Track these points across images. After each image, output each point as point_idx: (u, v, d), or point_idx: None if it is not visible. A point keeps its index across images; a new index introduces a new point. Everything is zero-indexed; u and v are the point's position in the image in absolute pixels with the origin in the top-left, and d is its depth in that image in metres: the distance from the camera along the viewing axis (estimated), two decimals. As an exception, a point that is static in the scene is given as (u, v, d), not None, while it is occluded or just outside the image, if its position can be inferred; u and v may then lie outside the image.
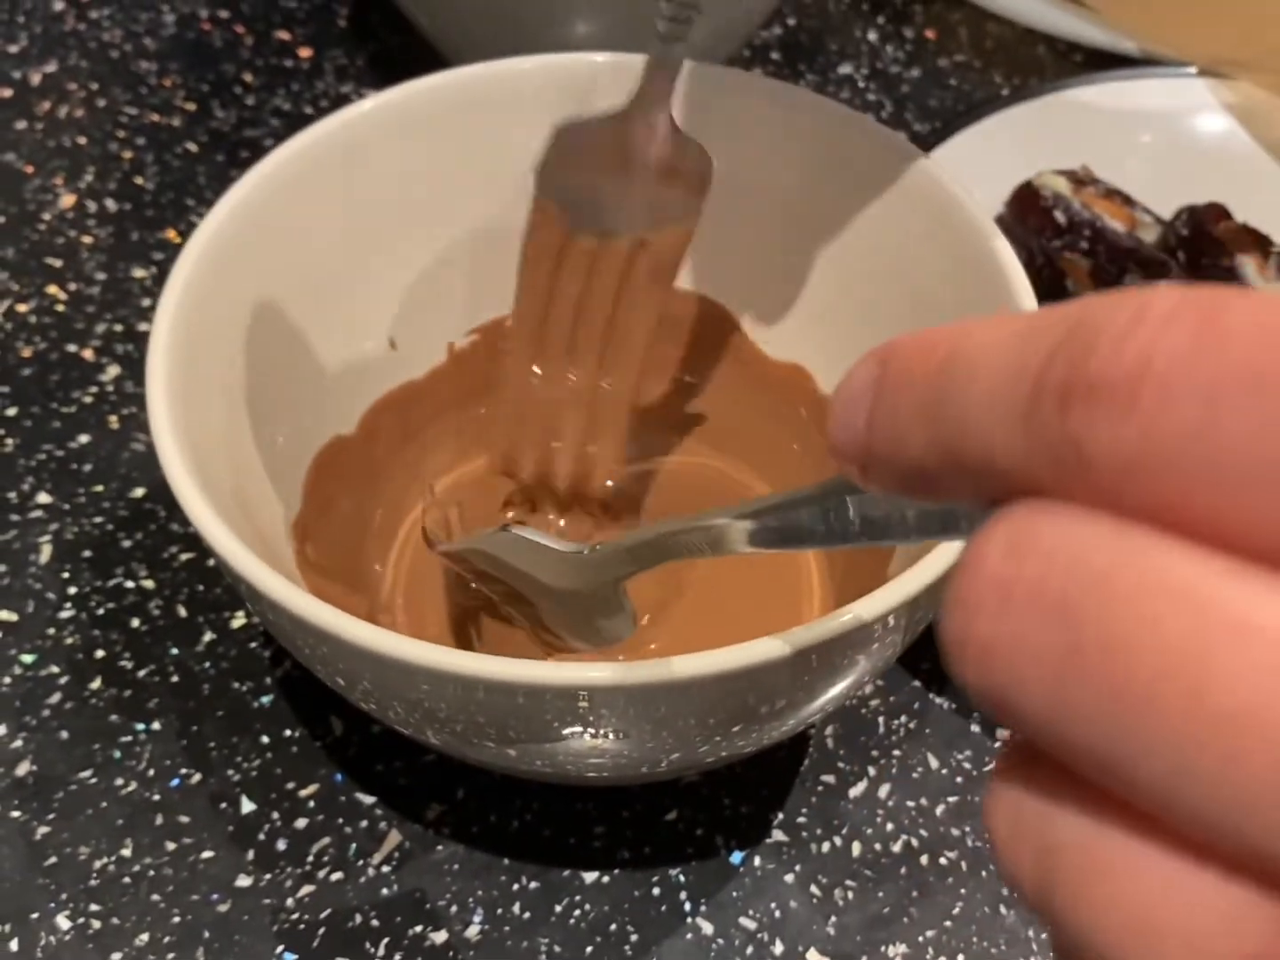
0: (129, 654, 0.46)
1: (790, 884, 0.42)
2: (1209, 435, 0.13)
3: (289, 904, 0.41)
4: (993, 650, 0.14)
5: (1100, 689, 0.13)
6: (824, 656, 0.32)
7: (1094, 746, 0.14)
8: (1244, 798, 0.13)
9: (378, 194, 0.44)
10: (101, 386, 0.54)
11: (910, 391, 0.16)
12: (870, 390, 0.17)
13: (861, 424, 0.17)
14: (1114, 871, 0.14)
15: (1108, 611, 0.13)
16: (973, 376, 0.15)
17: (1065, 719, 0.14)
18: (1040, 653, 0.14)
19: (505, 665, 0.30)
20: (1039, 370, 0.14)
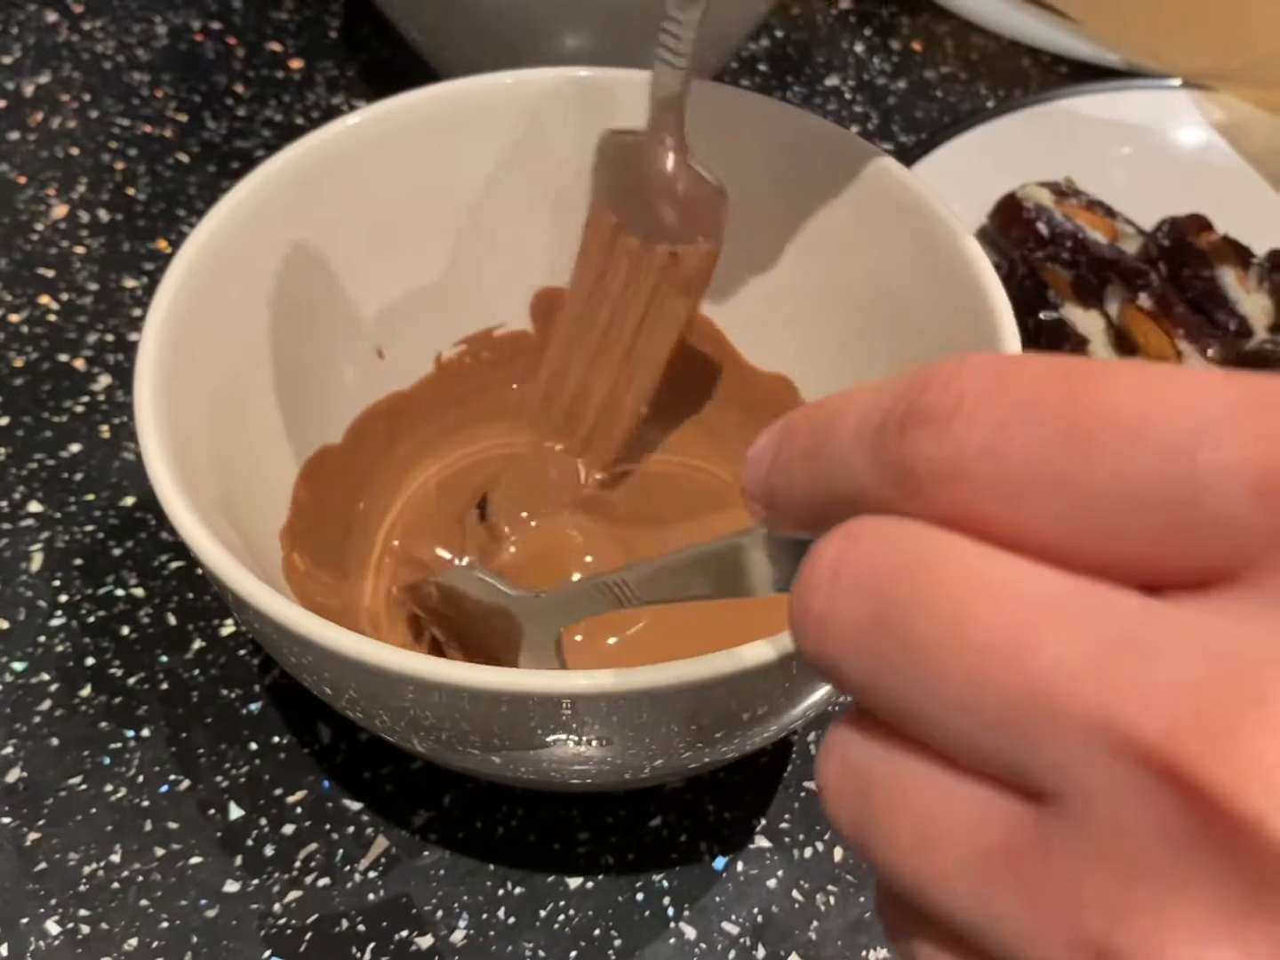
0: (119, 661, 0.47)
1: (773, 889, 0.42)
2: (998, 452, 0.17)
3: (276, 909, 0.41)
4: (822, 622, 0.18)
5: (893, 641, 0.17)
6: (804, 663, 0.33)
7: (890, 691, 0.17)
8: (995, 719, 0.16)
9: (365, 205, 0.45)
10: (93, 396, 0.54)
11: (797, 441, 0.20)
12: (773, 445, 0.21)
13: (764, 471, 0.21)
14: (907, 790, 0.17)
15: (901, 583, 0.17)
16: (842, 423, 0.19)
17: (870, 671, 0.17)
18: (855, 620, 0.17)
19: (489, 674, 0.31)
20: (887, 410, 0.18)
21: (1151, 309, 0.53)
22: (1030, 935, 0.16)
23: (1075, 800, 0.15)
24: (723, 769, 0.44)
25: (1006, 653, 0.16)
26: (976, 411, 0.17)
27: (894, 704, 0.17)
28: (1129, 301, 0.53)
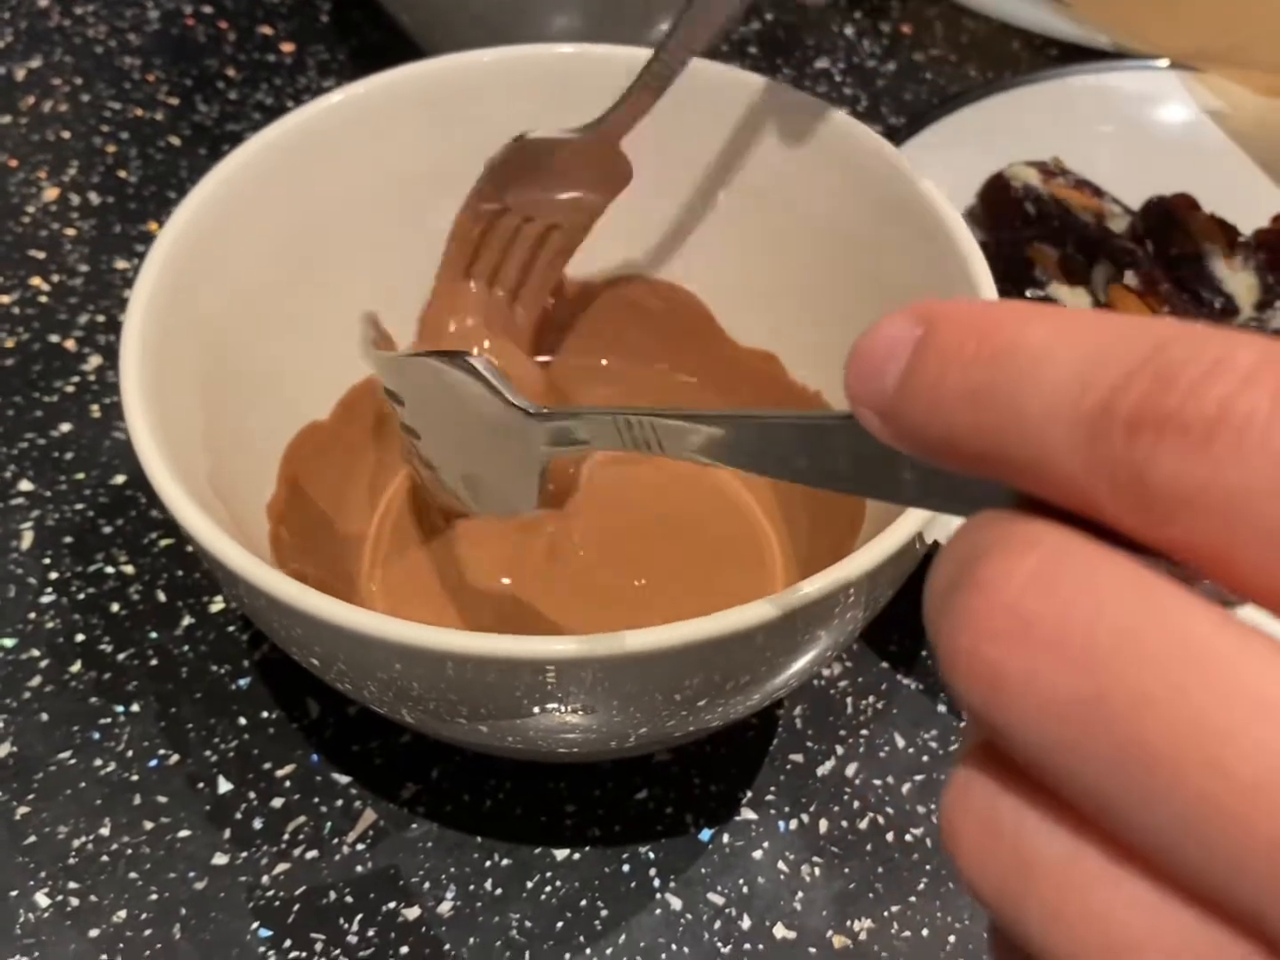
0: (109, 638, 0.47)
1: (758, 860, 0.42)
2: (1274, 496, 0.13)
3: (265, 881, 0.42)
4: (1002, 680, 0.15)
5: (1117, 744, 0.14)
6: (786, 629, 0.33)
7: (1097, 791, 0.14)
8: (1243, 859, 0.13)
9: (350, 183, 0.45)
10: (83, 376, 0.55)
11: (961, 368, 0.16)
12: (907, 349, 0.17)
13: (892, 381, 0.17)
14: (1093, 890, 0.15)
15: (1133, 670, 0.14)
16: (1037, 376, 0.15)
17: (1071, 763, 0.14)
18: (1055, 698, 0.14)
19: (473, 640, 0.31)
20: (1111, 391, 0.15)
21: (1138, 287, 0.53)
22: None
23: None
24: (709, 742, 0.45)
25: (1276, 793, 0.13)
26: (1249, 439, 0.14)
27: (1094, 801, 0.14)
28: (1115, 280, 0.53)
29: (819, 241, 0.46)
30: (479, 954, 0.40)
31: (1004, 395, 0.16)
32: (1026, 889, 0.15)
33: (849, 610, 0.35)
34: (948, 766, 0.44)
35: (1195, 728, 0.13)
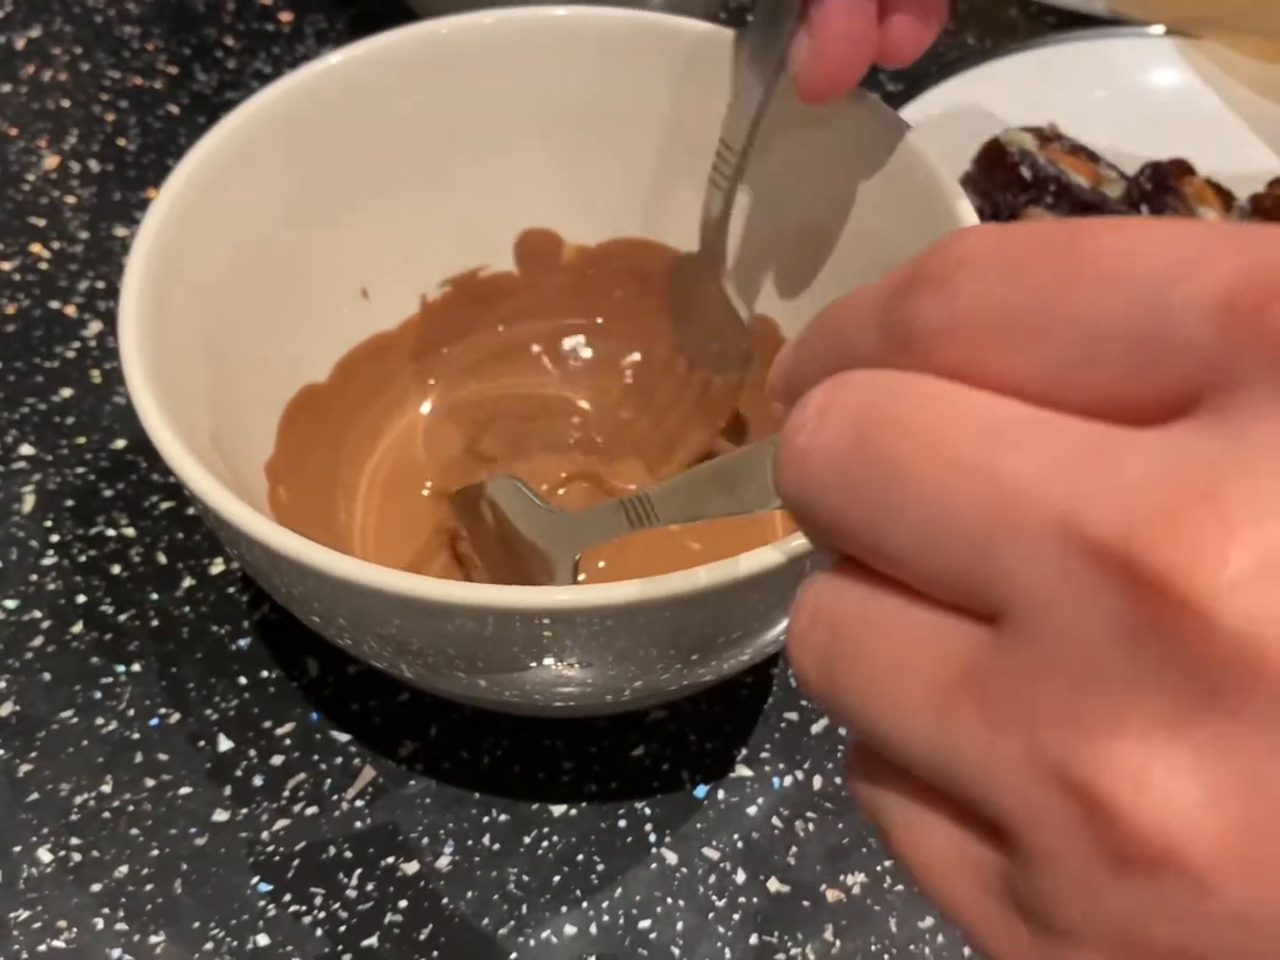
0: (110, 599, 0.47)
1: (753, 816, 0.43)
2: (987, 303, 0.17)
3: (264, 837, 0.42)
4: (805, 454, 0.18)
5: (868, 461, 0.17)
6: (779, 582, 0.33)
7: (864, 516, 0.17)
8: (947, 523, 0.16)
9: (348, 146, 0.45)
10: (84, 342, 0.55)
11: (814, 329, 0.20)
12: (795, 342, 0.21)
13: (786, 366, 0.21)
14: (875, 625, 0.18)
15: (881, 410, 0.17)
16: (856, 303, 0.19)
17: (846, 495, 0.18)
18: (835, 446, 0.18)
19: (470, 590, 0.31)
20: (894, 282, 0.18)
21: (1132, 251, 0.53)
22: (987, 763, 0.16)
23: (1032, 613, 0.15)
24: (704, 700, 0.45)
25: (974, 466, 0.16)
26: (973, 269, 0.17)
27: (867, 532, 0.17)
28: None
29: (815, 204, 0.46)
30: (476, 908, 0.41)
31: (839, 326, 0.20)
32: (834, 649, 0.18)
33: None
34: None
35: (919, 436, 0.17)
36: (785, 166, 0.46)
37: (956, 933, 0.40)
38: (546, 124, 0.47)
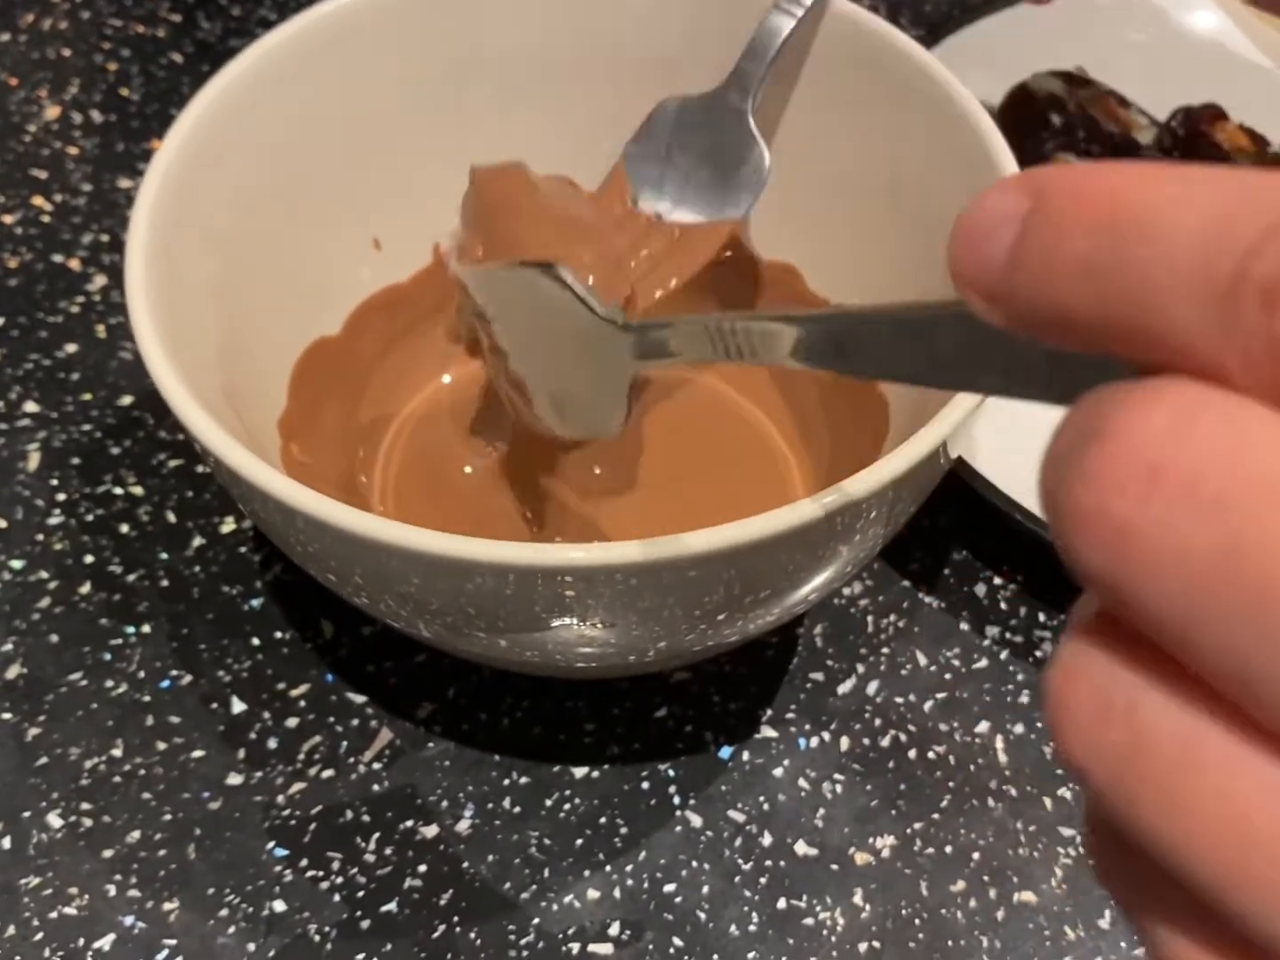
0: (118, 559, 0.46)
1: (779, 778, 0.42)
2: None
3: (280, 801, 0.41)
4: (1131, 535, 0.14)
5: (1254, 597, 0.13)
6: (806, 541, 0.32)
7: (1229, 651, 0.13)
8: None
9: (357, 93, 0.44)
10: (88, 296, 0.54)
11: (1076, 237, 0.15)
12: (1016, 221, 0.16)
13: (1002, 255, 0.16)
14: (1213, 768, 0.14)
15: (1272, 519, 0.13)
16: (1162, 241, 0.14)
17: (1204, 620, 0.13)
18: (1189, 548, 0.13)
19: (492, 548, 0.30)
20: (1242, 259, 0.14)
21: (1165, 197, 0.52)
22: None
23: None
24: (728, 661, 0.44)
25: None
26: None
27: (1227, 664, 0.13)
28: (1142, 190, 0.52)
29: (842, 150, 0.44)
30: (498, 871, 0.40)
31: (1126, 263, 0.14)
32: (1142, 771, 0.14)
33: (871, 525, 0.34)
34: (970, 684, 0.44)
35: None
36: (814, 112, 0.44)
37: (989, 896, 0.39)
38: (563, 67, 0.45)
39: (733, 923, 0.39)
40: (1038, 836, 0.41)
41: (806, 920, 0.39)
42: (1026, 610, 0.45)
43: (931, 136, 0.41)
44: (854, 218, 0.45)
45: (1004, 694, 0.43)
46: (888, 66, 0.42)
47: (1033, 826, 0.41)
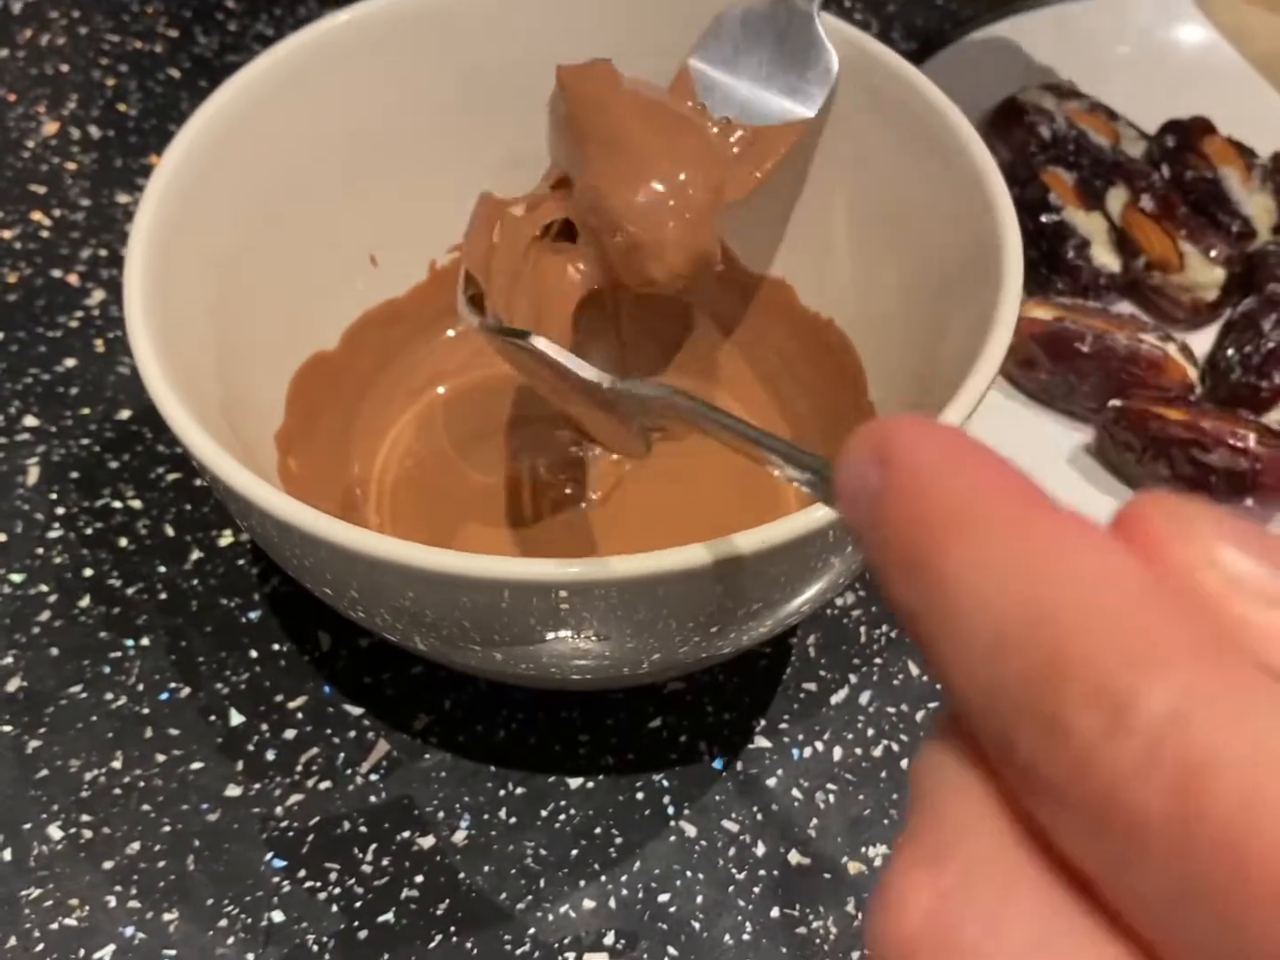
0: (117, 572, 0.47)
1: (772, 788, 0.42)
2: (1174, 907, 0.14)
3: (278, 812, 0.41)
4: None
5: None
6: (798, 553, 0.32)
7: None
8: None
9: (356, 109, 0.44)
10: (87, 311, 0.54)
11: (900, 559, 0.17)
12: (874, 484, 0.17)
13: (864, 519, 0.18)
14: None
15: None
16: (950, 625, 0.16)
17: None
18: None
19: (486, 563, 0.31)
20: (1010, 703, 0.15)
21: (1154, 211, 0.52)
22: None
23: None
24: (721, 671, 0.44)
25: None
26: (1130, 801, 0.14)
27: None
28: (1131, 203, 0.53)
29: (835, 167, 0.45)
30: (494, 882, 0.40)
31: (927, 625, 0.16)
32: None
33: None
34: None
35: None
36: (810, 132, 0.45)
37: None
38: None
39: (727, 932, 0.39)
40: (1028, 845, 0.41)
41: (799, 929, 0.39)
42: (1017, 620, 0.46)
43: (922, 157, 0.41)
44: (846, 235, 0.45)
45: (995, 704, 0.44)
46: (881, 87, 0.42)
47: None
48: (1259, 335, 0.48)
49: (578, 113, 0.40)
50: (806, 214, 0.46)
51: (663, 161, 0.38)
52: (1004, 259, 0.36)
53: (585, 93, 0.40)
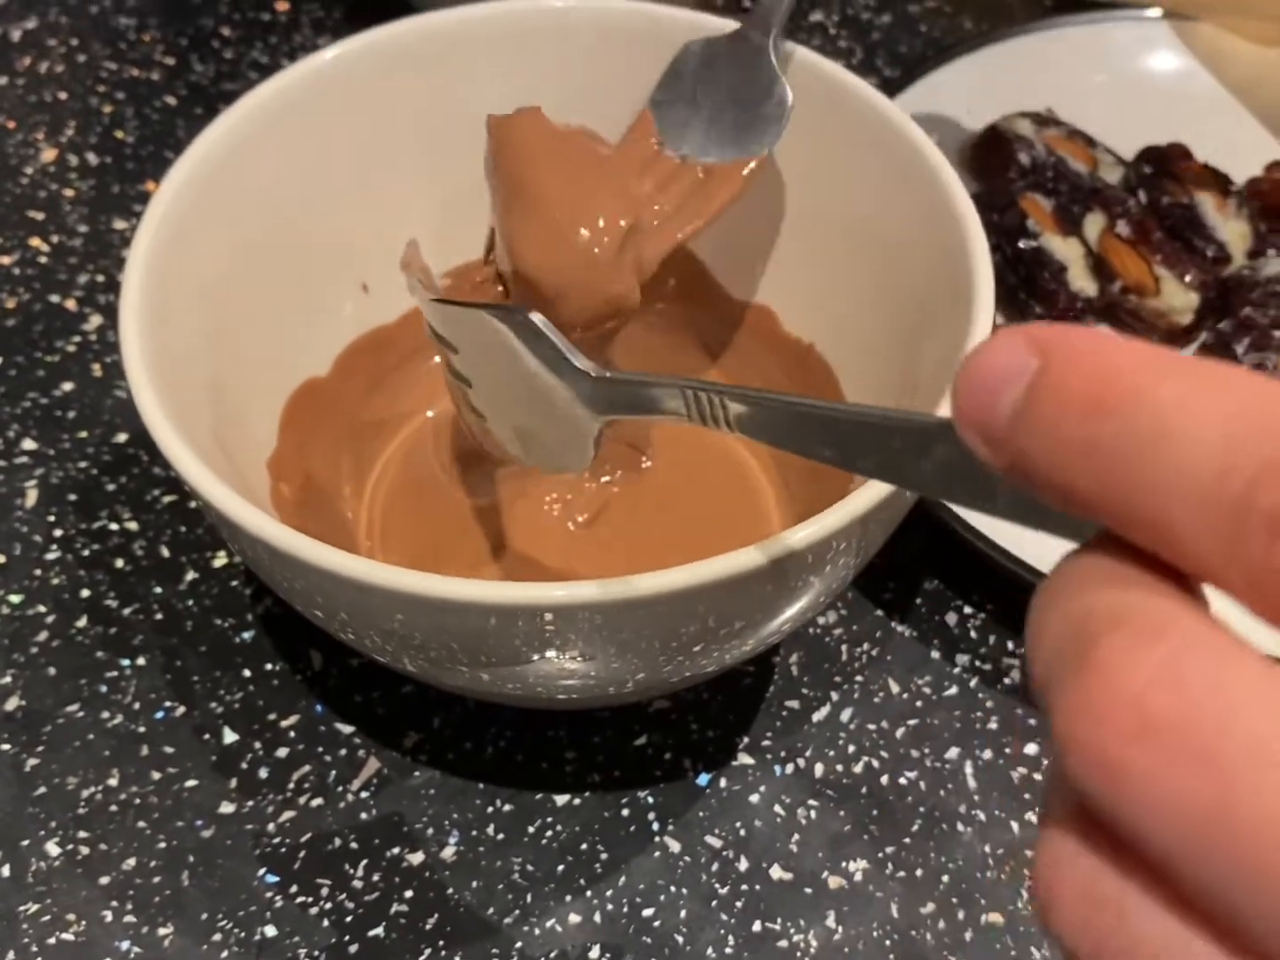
0: (114, 593, 0.48)
1: (755, 804, 0.43)
2: None
3: (270, 829, 0.42)
4: (1126, 778, 0.15)
5: (1240, 851, 0.14)
6: (778, 575, 0.33)
7: (1216, 894, 0.14)
8: None
9: (346, 140, 0.45)
10: (84, 336, 0.55)
11: (1081, 417, 0.16)
12: (1022, 380, 0.17)
13: (1007, 411, 0.17)
14: None
15: (1265, 784, 0.14)
16: (1167, 447, 0.15)
17: (1192, 862, 0.14)
18: (1182, 804, 0.14)
19: (472, 587, 0.32)
20: (1250, 486, 0.15)
21: (1130, 236, 0.53)
22: None
23: None
24: (706, 689, 0.45)
25: None
26: None
27: (1205, 894, 0.15)
28: (1108, 229, 0.54)
29: (812, 196, 0.46)
30: (482, 897, 0.41)
31: (1130, 458, 0.16)
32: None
33: (841, 556, 0.35)
34: (940, 711, 0.45)
35: None
36: (780, 157, 0.46)
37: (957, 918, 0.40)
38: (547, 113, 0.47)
39: (710, 945, 0.40)
40: (1005, 859, 0.42)
41: (781, 942, 0.40)
42: (995, 639, 0.47)
43: (897, 187, 0.42)
44: (824, 262, 0.46)
45: (973, 720, 0.45)
46: (856, 120, 0.43)
47: (1000, 850, 0.42)
48: (1232, 358, 0.49)
49: (499, 160, 0.41)
50: (787, 242, 0.47)
51: (569, 208, 0.40)
52: (975, 285, 0.38)
53: (508, 140, 0.41)
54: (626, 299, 0.41)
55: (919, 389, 0.40)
